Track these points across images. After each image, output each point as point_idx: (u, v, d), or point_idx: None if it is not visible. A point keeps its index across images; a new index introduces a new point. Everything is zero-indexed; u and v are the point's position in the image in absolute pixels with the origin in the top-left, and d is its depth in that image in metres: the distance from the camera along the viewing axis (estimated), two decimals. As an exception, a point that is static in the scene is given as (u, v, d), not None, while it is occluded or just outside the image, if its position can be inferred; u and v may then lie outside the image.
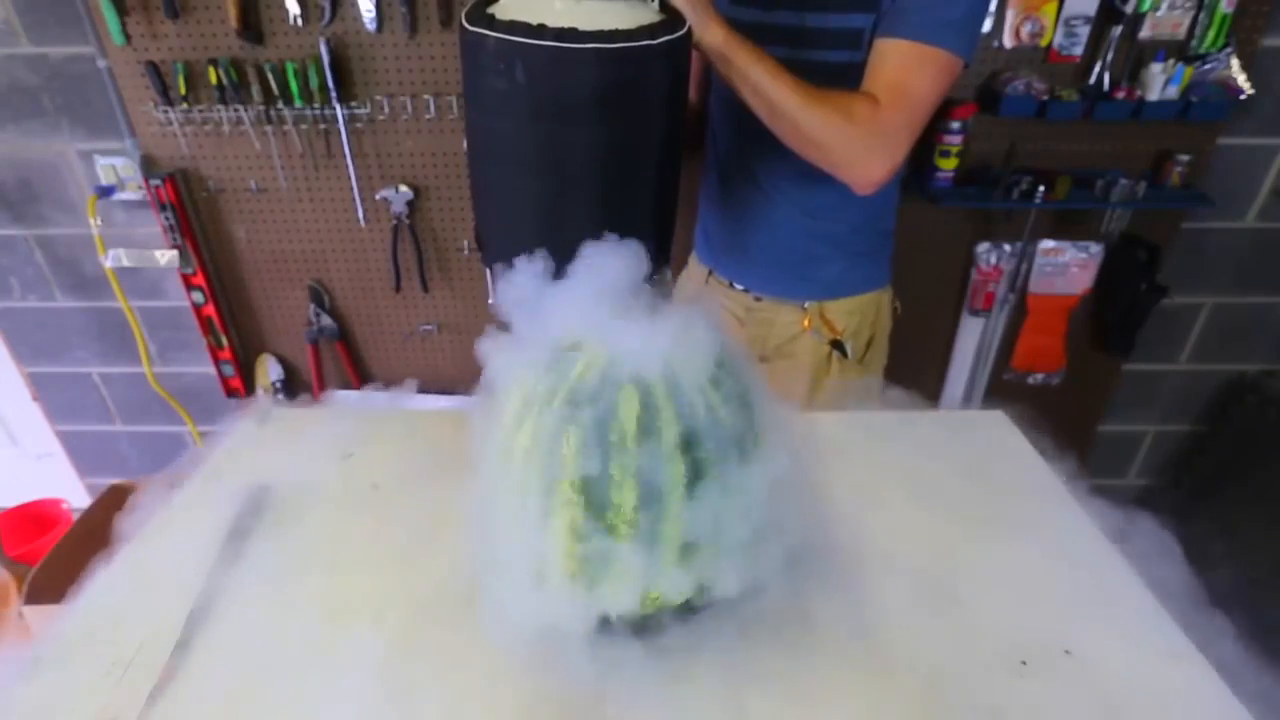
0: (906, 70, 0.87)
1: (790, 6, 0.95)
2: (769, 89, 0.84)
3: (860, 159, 0.89)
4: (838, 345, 1.14)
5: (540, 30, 0.71)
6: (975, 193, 1.67)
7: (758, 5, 0.97)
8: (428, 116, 1.63)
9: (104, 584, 0.67)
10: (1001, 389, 1.99)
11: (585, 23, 0.72)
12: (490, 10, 0.77)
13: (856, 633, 0.60)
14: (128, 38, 1.55)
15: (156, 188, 1.69)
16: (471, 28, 0.74)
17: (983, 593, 0.64)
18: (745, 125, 0.91)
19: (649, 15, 0.78)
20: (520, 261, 0.59)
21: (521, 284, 0.58)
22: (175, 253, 1.78)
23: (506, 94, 0.74)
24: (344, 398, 1.91)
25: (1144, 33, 1.54)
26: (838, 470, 0.79)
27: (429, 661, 0.57)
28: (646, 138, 0.80)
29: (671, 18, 0.79)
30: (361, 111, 1.62)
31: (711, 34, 0.82)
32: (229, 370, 1.98)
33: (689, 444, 0.49)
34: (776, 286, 1.15)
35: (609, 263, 0.56)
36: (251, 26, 1.54)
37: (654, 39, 0.74)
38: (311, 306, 1.89)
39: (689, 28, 0.79)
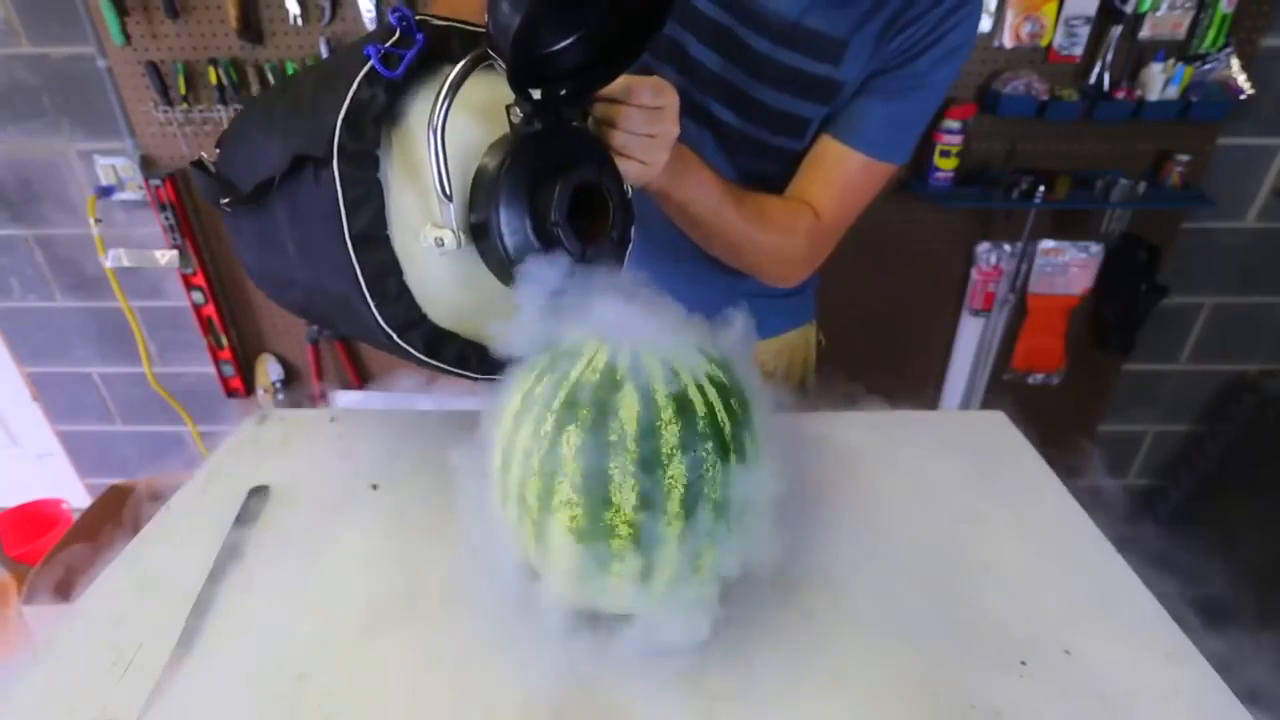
0: (855, 184, 0.83)
1: (745, 67, 0.80)
2: (711, 221, 0.76)
3: (792, 273, 0.87)
4: None
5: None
6: (975, 193, 1.67)
7: (716, 49, 0.80)
8: (428, 116, 1.63)
9: (104, 584, 0.67)
10: (1001, 389, 1.99)
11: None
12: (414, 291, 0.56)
13: (856, 632, 0.60)
14: (128, 38, 1.55)
15: (156, 188, 1.69)
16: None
17: (983, 593, 0.64)
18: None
19: None
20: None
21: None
22: (175, 253, 1.78)
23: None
24: (343, 397, 1.91)
25: (1144, 33, 1.54)
26: (838, 470, 0.79)
27: (429, 661, 0.57)
28: None
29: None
30: (361, 111, 1.62)
31: (653, 182, 0.69)
32: (229, 370, 1.98)
33: (689, 444, 0.49)
34: None
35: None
36: (251, 26, 1.54)
37: None
38: (311, 306, 1.89)
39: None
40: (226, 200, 0.65)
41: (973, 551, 0.69)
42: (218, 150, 0.74)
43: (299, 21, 1.54)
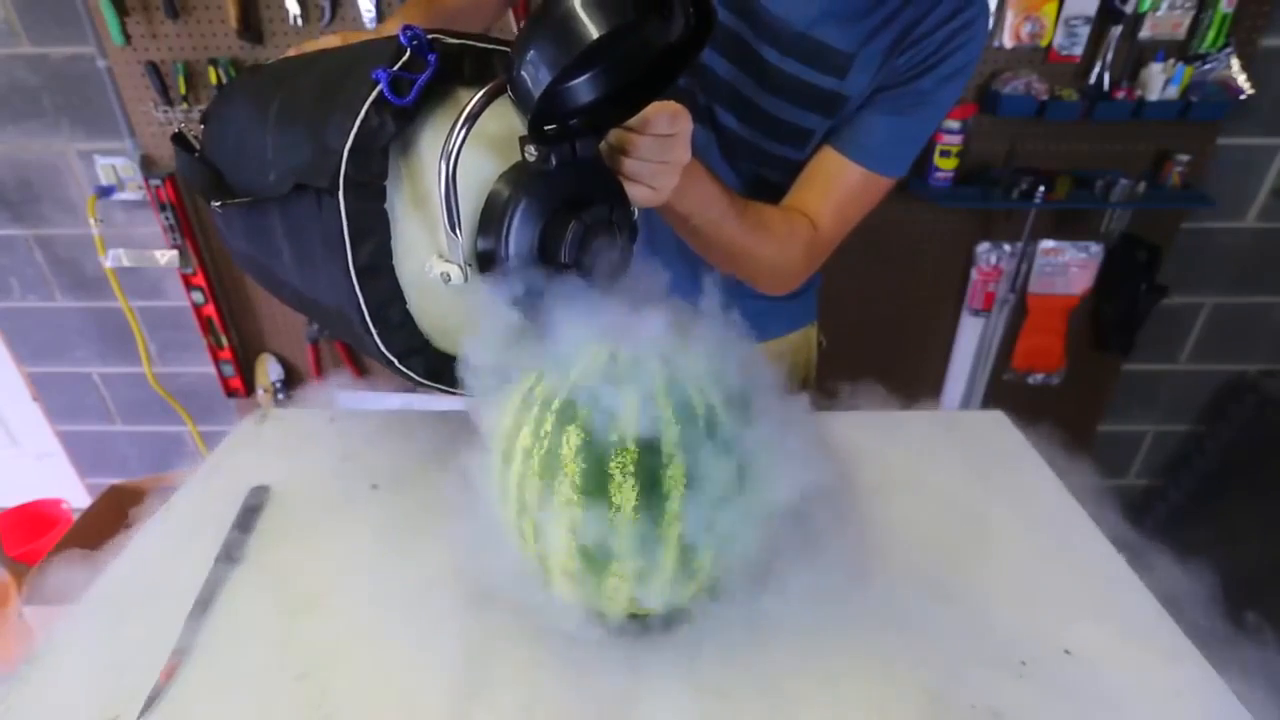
0: (854, 197, 0.83)
1: (753, 75, 0.80)
2: (712, 233, 0.75)
3: (786, 284, 0.87)
4: None
5: None
6: (975, 193, 1.66)
7: (727, 56, 0.81)
8: (428, 116, 1.63)
9: (104, 584, 0.67)
10: (1001, 389, 1.99)
11: None
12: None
13: (856, 632, 0.60)
14: (128, 38, 1.55)
15: (156, 188, 1.69)
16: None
17: (983, 593, 0.64)
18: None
19: None
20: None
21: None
22: (175, 253, 1.78)
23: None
24: (343, 397, 1.91)
25: (1144, 33, 1.54)
26: (838, 470, 0.79)
27: (429, 661, 0.57)
28: None
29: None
30: (361, 111, 1.62)
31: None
32: (229, 370, 1.98)
33: (689, 444, 0.49)
34: None
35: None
36: (251, 26, 1.54)
37: None
38: (311, 306, 1.89)
39: None
40: (219, 204, 0.64)
41: (973, 551, 0.69)
42: (203, 126, 0.72)
43: (299, 21, 1.54)
